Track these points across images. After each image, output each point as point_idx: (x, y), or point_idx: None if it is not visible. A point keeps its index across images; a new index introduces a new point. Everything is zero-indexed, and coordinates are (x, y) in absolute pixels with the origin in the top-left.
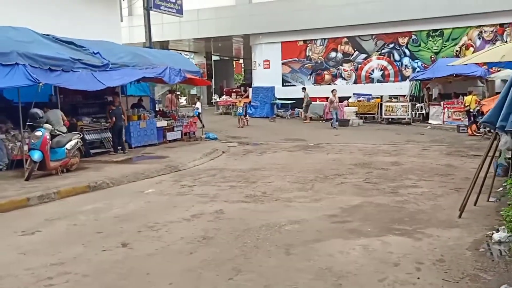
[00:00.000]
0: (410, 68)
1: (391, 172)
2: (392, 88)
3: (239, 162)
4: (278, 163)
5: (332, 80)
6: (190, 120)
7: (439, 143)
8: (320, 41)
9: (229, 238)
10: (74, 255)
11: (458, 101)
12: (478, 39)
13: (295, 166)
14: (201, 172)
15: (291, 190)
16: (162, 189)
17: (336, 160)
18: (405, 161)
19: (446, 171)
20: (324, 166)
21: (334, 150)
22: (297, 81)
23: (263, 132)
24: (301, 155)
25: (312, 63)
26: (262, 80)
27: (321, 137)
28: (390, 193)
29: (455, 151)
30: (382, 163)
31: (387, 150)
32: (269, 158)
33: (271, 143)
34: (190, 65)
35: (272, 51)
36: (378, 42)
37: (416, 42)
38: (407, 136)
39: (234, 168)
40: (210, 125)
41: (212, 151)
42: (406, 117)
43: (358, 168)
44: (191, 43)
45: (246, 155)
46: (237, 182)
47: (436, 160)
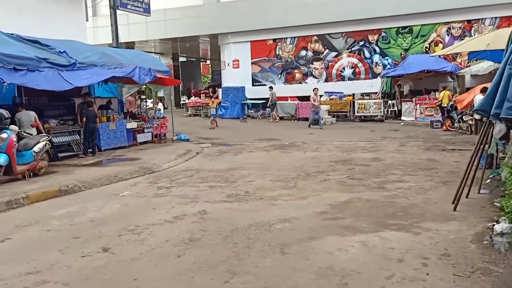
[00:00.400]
0: (381, 65)
1: (373, 168)
2: (363, 86)
3: (215, 162)
4: (255, 162)
5: (303, 79)
6: (160, 121)
7: (415, 139)
8: (290, 40)
9: (217, 239)
10: (51, 263)
11: (429, 97)
12: (446, 35)
13: (273, 164)
14: (177, 173)
15: (274, 188)
16: (138, 191)
17: (315, 158)
18: (385, 157)
19: (429, 165)
20: (304, 164)
21: (311, 148)
22: (268, 81)
23: (235, 133)
24: (278, 154)
25: (282, 62)
26: (232, 80)
27: (295, 136)
28: (377, 188)
29: (433, 146)
30: (362, 159)
31: (364, 147)
32: (245, 157)
33: (245, 143)
34: (160, 65)
35: (241, 50)
36: (348, 40)
37: (386, 39)
38: (382, 133)
39: (211, 168)
40: (180, 127)
41: (186, 152)
42: (379, 114)
43: (339, 165)
44: (157, 44)
45: (221, 155)
46: (216, 182)
47: (416, 155)
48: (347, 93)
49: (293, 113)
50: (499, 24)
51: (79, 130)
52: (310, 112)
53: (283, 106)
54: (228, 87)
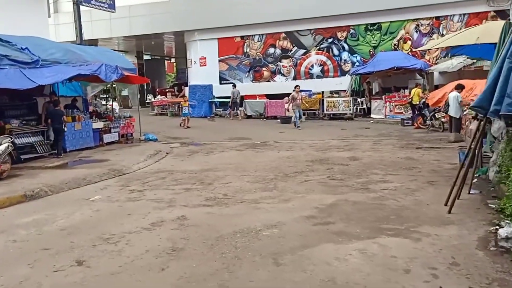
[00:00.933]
0: (349, 62)
1: (352, 168)
2: (332, 84)
3: (187, 163)
4: (229, 162)
5: (271, 77)
6: (127, 121)
7: (388, 137)
8: (258, 37)
9: (202, 249)
10: (19, 279)
11: (399, 95)
12: (415, 32)
13: (249, 165)
14: (149, 175)
15: (253, 190)
16: (110, 195)
17: (290, 157)
18: (362, 156)
19: (409, 164)
20: (280, 164)
21: (284, 148)
22: (235, 78)
23: (204, 132)
24: (251, 153)
25: (250, 59)
26: (199, 78)
27: (266, 135)
28: (362, 189)
29: (407, 144)
30: (340, 158)
31: (338, 145)
32: (218, 158)
33: (215, 142)
34: (126, 63)
35: (209, 48)
36: (317, 37)
37: (355, 36)
38: (353, 131)
39: (184, 170)
40: (147, 126)
41: (155, 153)
42: (348, 112)
43: (317, 164)
44: (121, 42)
45: (192, 155)
46: (192, 184)
47: (393, 153)
48: (315, 91)
49: (262, 112)
50: (467, 20)
51: (43, 130)
52: (278, 111)
53: (252, 104)
54: (195, 86)
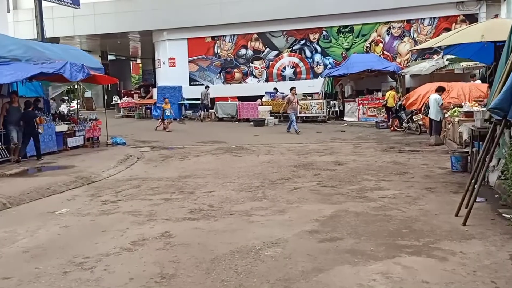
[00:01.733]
0: (322, 65)
1: (341, 173)
2: (304, 86)
3: (161, 169)
4: (208, 168)
5: (243, 79)
6: (93, 123)
7: (366, 140)
8: (229, 38)
9: (197, 275)
10: None
11: (372, 97)
12: (387, 35)
13: (229, 171)
14: (121, 183)
15: (241, 200)
16: (79, 208)
17: (272, 162)
18: (346, 160)
19: (399, 169)
20: (263, 170)
21: (262, 152)
22: (206, 80)
23: (175, 135)
24: (229, 158)
25: (221, 60)
26: (168, 79)
27: (241, 138)
28: (359, 198)
29: (388, 147)
30: (324, 163)
31: (318, 149)
32: (194, 163)
33: (188, 146)
34: (93, 61)
35: (178, 48)
36: (289, 39)
37: (327, 38)
38: (329, 134)
39: (160, 177)
40: (114, 129)
41: (126, 158)
42: (322, 115)
43: (302, 170)
44: (84, 41)
45: (165, 160)
46: (171, 194)
47: (377, 157)
48: (288, 93)
49: (234, 114)
50: (437, 24)
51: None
52: (251, 113)
53: (223, 106)
54: (164, 87)
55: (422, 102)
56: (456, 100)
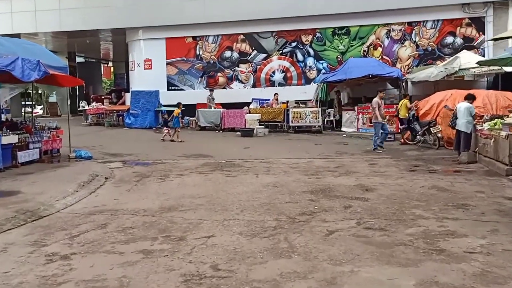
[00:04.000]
0: (315, 69)
1: (379, 205)
2: (295, 92)
3: (136, 195)
4: (197, 194)
5: (228, 83)
6: (53, 133)
7: (379, 155)
8: (213, 38)
9: None
10: None
11: None
12: (386, 38)
13: (227, 199)
14: (81, 220)
15: (259, 255)
16: (7, 273)
17: (278, 185)
18: (373, 184)
19: (452, 200)
20: (271, 198)
21: (261, 170)
22: (186, 84)
23: (151, 147)
24: (222, 179)
25: (203, 63)
26: (143, 83)
27: (229, 152)
28: (435, 252)
29: (411, 165)
30: (346, 188)
31: (327, 166)
32: (178, 186)
33: (167, 161)
34: (54, 59)
35: (155, 49)
36: (279, 40)
37: (321, 41)
38: (330, 147)
39: (135, 208)
40: (79, 140)
41: (90, 178)
42: (317, 124)
43: (323, 198)
44: (49, 39)
45: (141, 181)
46: (152, 242)
47: (408, 179)
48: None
49: (218, 123)
50: (441, 27)
51: None
52: (237, 122)
53: (206, 114)
54: (139, 92)
55: (437, 111)
56: (482, 110)
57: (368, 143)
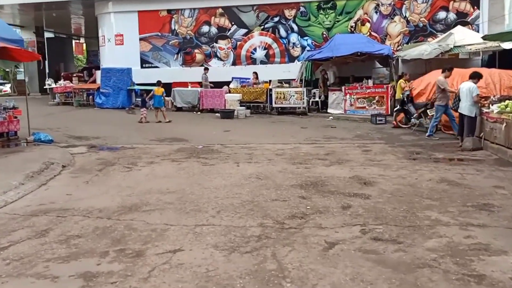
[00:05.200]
0: (299, 46)
1: (384, 206)
2: (278, 71)
3: (95, 188)
4: (167, 189)
5: (206, 61)
6: (9, 113)
7: (372, 140)
8: (189, 12)
9: None
10: None
11: (362, 86)
12: (375, 13)
13: (202, 195)
14: (17, 224)
15: (239, 282)
16: None
17: (263, 178)
18: (371, 176)
19: (469, 197)
20: (254, 194)
21: (242, 157)
22: (161, 61)
23: (122, 129)
24: (197, 168)
25: (179, 39)
26: (114, 60)
27: (207, 135)
28: (474, 279)
29: (409, 152)
30: (341, 181)
31: (316, 154)
32: (146, 177)
33: (138, 146)
34: (7, 30)
35: (126, 23)
36: (261, 15)
37: (306, 16)
38: (318, 131)
39: (89, 208)
40: (43, 121)
41: (44, 167)
42: (301, 106)
43: (315, 195)
44: (15, 13)
45: (104, 171)
46: (100, 260)
47: (411, 171)
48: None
49: (196, 103)
50: (433, 1)
51: None
52: (217, 102)
53: (182, 94)
54: (109, 69)
55: (432, 92)
56: (484, 91)
57: (356, 126)
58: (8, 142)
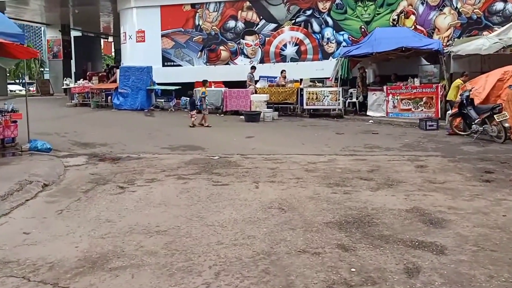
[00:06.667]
0: (334, 42)
1: (469, 269)
2: (310, 69)
3: (63, 224)
4: (157, 225)
5: (231, 58)
6: (5, 118)
7: (424, 151)
8: (214, 6)
9: None
10: None
11: (407, 86)
12: (421, 5)
13: (200, 241)
14: None
15: None
16: None
17: (287, 208)
18: (439, 209)
19: None
20: (274, 240)
21: (263, 174)
22: (183, 59)
23: (134, 134)
24: (205, 191)
25: (203, 35)
26: (135, 58)
27: (227, 142)
28: None
29: (479, 170)
30: (396, 217)
31: (357, 170)
32: (137, 205)
33: (145, 155)
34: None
35: (148, 18)
36: (292, 8)
37: (342, 8)
38: (356, 138)
39: (37, 260)
40: (53, 125)
41: (15, 189)
42: (337, 107)
43: (361, 243)
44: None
45: (90, 193)
46: None
47: (493, 201)
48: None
49: (219, 105)
50: None
51: None
52: (242, 104)
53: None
54: (128, 68)
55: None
56: None
57: (402, 132)
58: (3, 151)
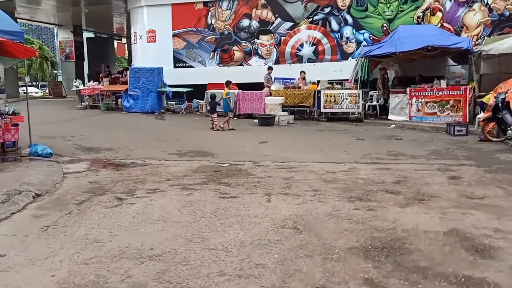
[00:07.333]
0: (354, 41)
1: None
2: (328, 70)
3: (44, 245)
4: (151, 248)
5: (245, 59)
6: (5, 121)
7: (456, 160)
8: (228, 4)
9: None
10: None
11: (432, 88)
12: (448, 1)
13: (199, 270)
14: None
15: None
16: None
17: (303, 228)
18: (483, 232)
19: None
20: (287, 272)
21: (277, 184)
22: (195, 60)
23: (142, 138)
24: (211, 204)
25: (216, 35)
26: (146, 58)
27: (239, 148)
28: None
29: None
30: (432, 242)
31: (380, 180)
32: (133, 221)
33: (151, 161)
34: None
35: (159, 17)
36: (309, 5)
37: (362, 5)
38: (379, 144)
39: None
40: (58, 128)
41: (2, 200)
42: (356, 111)
43: (392, 277)
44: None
45: (84, 205)
46: None
47: None
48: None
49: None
50: None
51: None
52: (255, 107)
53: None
54: (138, 69)
55: None
56: None
57: (428, 138)
58: (3, 156)
